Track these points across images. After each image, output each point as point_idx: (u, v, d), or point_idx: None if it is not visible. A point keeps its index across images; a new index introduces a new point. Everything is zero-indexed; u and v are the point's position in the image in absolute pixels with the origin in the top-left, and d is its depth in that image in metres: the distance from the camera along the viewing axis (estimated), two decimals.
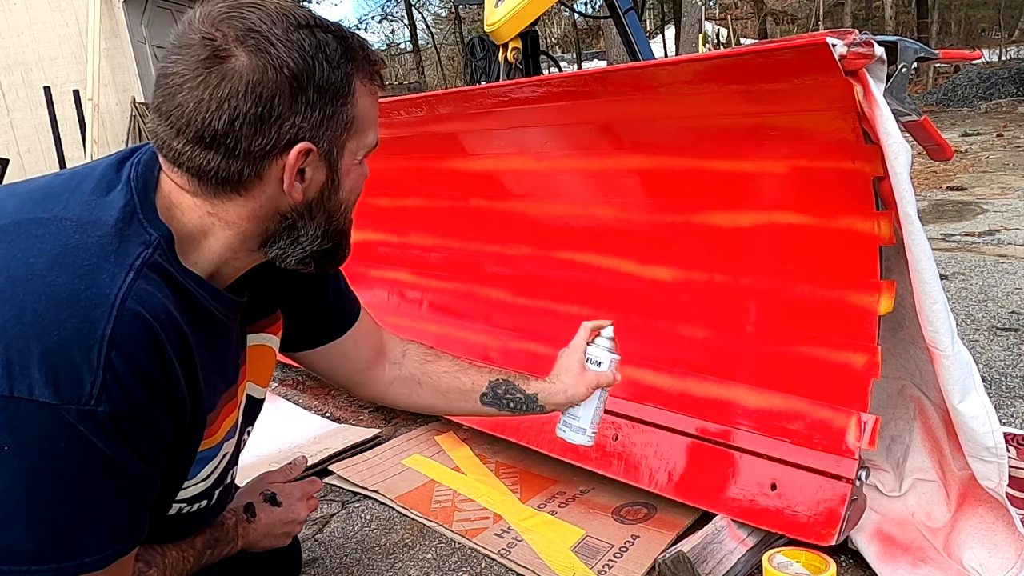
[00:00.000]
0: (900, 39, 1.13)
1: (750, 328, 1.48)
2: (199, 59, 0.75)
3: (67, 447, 0.70)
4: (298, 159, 0.80)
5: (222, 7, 0.78)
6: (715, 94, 1.31)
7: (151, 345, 0.74)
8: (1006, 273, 3.10)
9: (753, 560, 1.33)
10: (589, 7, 22.10)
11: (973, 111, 11.57)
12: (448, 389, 1.25)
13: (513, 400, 1.23)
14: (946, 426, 1.35)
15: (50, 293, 0.71)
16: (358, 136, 0.86)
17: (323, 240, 0.88)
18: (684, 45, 12.21)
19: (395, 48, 30.46)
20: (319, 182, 0.84)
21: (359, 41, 0.84)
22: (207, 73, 0.75)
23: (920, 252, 1.12)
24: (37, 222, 0.76)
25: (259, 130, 0.77)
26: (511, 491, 1.69)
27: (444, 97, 1.76)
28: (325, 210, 0.87)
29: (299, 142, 0.79)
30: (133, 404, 0.73)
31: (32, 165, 9.35)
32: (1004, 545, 1.22)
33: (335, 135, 0.82)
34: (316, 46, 0.78)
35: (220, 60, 0.75)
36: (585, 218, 1.76)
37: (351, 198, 0.90)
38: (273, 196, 0.82)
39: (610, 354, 1.26)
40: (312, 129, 0.79)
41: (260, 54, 0.75)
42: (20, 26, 9.11)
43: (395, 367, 1.25)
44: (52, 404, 0.68)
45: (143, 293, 0.74)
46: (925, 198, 5.00)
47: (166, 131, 0.78)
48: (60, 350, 0.69)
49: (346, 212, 0.91)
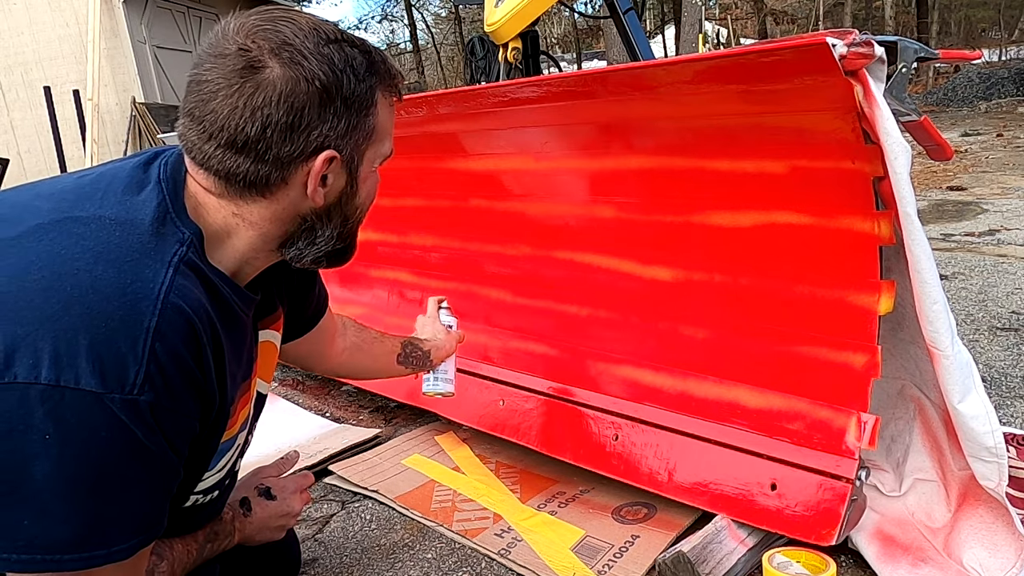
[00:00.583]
0: (900, 39, 1.13)
1: (750, 328, 1.48)
2: (235, 68, 0.79)
3: (107, 435, 0.72)
4: (323, 166, 0.84)
5: (256, 20, 0.82)
6: (715, 94, 1.31)
7: (190, 337, 0.78)
8: (1006, 273, 3.10)
9: (753, 560, 1.33)
10: (589, 7, 22.13)
11: (973, 111, 11.57)
12: (380, 352, 1.45)
13: (416, 357, 1.49)
14: (946, 426, 1.35)
15: (97, 287, 0.73)
16: (376, 145, 0.91)
17: (337, 241, 0.94)
18: (684, 45, 12.20)
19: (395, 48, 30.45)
20: (339, 188, 0.89)
21: (381, 55, 0.89)
22: (242, 82, 0.78)
23: (920, 252, 1.12)
24: (77, 220, 0.78)
25: (289, 137, 0.81)
26: (511, 491, 1.69)
27: (444, 97, 1.76)
28: (342, 213, 0.92)
29: (325, 150, 0.84)
30: (173, 394, 0.76)
31: (32, 165, 9.35)
32: (1004, 545, 1.22)
33: (357, 144, 0.87)
34: (345, 60, 0.83)
35: (255, 70, 0.79)
36: (585, 218, 1.76)
37: (366, 203, 0.96)
38: (296, 200, 0.87)
39: (452, 317, 1.63)
40: (338, 138, 0.84)
41: (293, 66, 0.80)
42: (20, 26, 9.11)
43: (342, 338, 1.40)
44: (97, 392, 0.70)
45: (182, 288, 0.78)
46: (925, 198, 5.00)
47: (197, 135, 0.82)
48: (107, 340, 0.72)
49: (361, 215, 0.96)
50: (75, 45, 8.98)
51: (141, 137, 8.74)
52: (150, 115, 8.74)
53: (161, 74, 9.57)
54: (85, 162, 7.87)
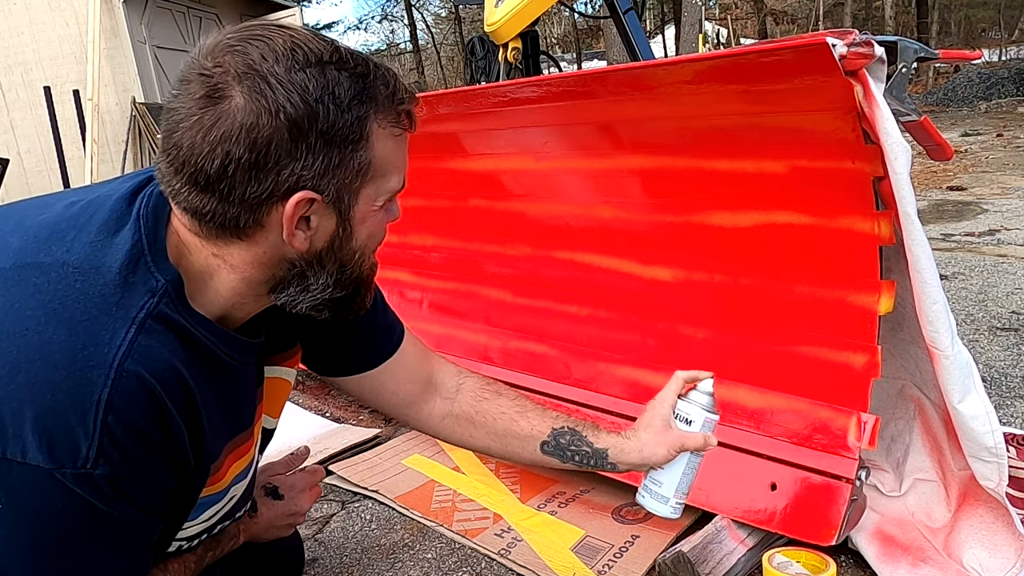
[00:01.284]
0: (900, 39, 1.13)
1: (750, 328, 1.48)
2: (195, 97, 0.70)
3: (63, 507, 0.68)
4: (297, 208, 0.74)
5: (228, 38, 0.73)
6: (715, 94, 1.31)
7: (150, 405, 0.71)
8: (1006, 273, 3.10)
9: (753, 560, 1.33)
10: (589, 7, 22.13)
11: (973, 111, 11.57)
12: (505, 432, 1.12)
13: (579, 453, 1.09)
14: (946, 426, 1.35)
15: (45, 353, 0.68)
16: (376, 181, 0.79)
17: (335, 289, 0.83)
18: (684, 45, 12.20)
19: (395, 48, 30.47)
20: (328, 230, 0.78)
21: (385, 78, 0.77)
22: (201, 113, 0.70)
23: (920, 252, 1.12)
24: (38, 268, 0.72)
25: (254, 177, 0.71)
26: (511, 491, 1.69)
27: (444, 97, 1.76)
28: (336, 259, 0.81)
29: (299, 190, 0.73)
30: (132, 464, 0.70)
31: (32, 165, 9.35)
32: (1004, 545, 1.22)
33: (344, 182, 0.76)
34: (323, 87, 0.72)
35: (216, 100, 0.70)
36: (585, 218, 1.76)
37: (368, 245, 0.84)
38: (277, 243, 0.77)
39: (705, 412, 1.06)
40: (315, 177, 0.73)
41: (256, 96, 0.69)
42: (20, 26, 9.11)
43: (447, 402, 1.15)
44: (46, 468, 0.66)
45: (144, 349, 0.71)
46: (925, 198, 5.00)
47: (167, 167, 0.74)
48: (54, 414, 0.66)
49: (361, 260, 0.84)
50: (75, 45, 8.98)
51: (141, 137, 8.74)
52: (150, 115, 8.74)
53: (161, 74, 9.56)
54: (85, 162, 7.87)
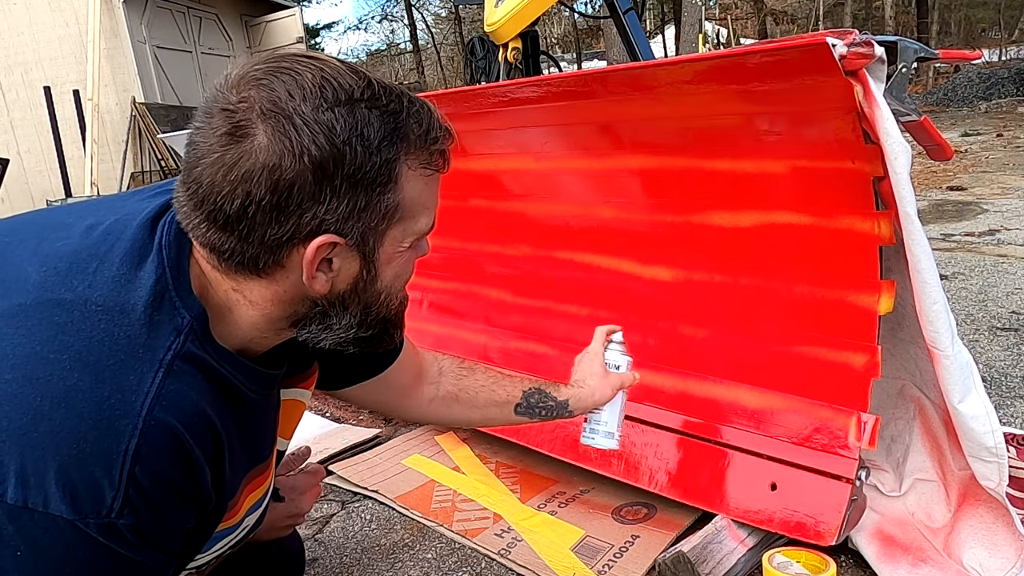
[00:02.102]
0: (900, 39, 1.13)
1: (750, 328, 1.48)
2: (218, 133, 0.68)
3: (84, 554, 0.66)
4: (319, 252, 0.72)
5: (256, 69, 0.70)
6: (715, 94, 1.31)
7: (178, 454, 0.69)
8: (1006, 273, 3.10)
9: (753, 560, 1.33)
10: (589, 7, 22.14)
11: (973, 111, 11.57)
12: (485, 403, 1.22)
13: (545, 407, 1.21)
14: (946, 426, 1.35)
15: (70, 401, 0.65)
16: (404, 223, 0.76)
17: (360, 329, 0.81)
18: (684, 45, 12.20)
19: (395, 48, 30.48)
20: (351, 273, 0.76)
21: (419, 116, 0.74)
22: (223, 151, 0.67)
23: (920, 252, 1.12)
24: (60, 305, 0.69)
25: (275, 219, 0.69)
26: (511, 491, 1.69)
27: (444, 97, 1.76)
28: (360, 300, 0.79)
29: (321, 234, 0.71)
30: (157, 512, 0.69)
31: (32, 165, 9.35)
32: (1004, 545, 1.22)
33: (370, 225, 0.73)
34: (351, 128, 0.69)
35: (238, 139, 0.67)
36: (585, 218, 1.76)
37: (395, 285, 0.81)
38: (297, 283, 0.74)
39: (625, 356, 1.27)
40: (339, 221, 0.71)
41: (280, 136, 0.67)
42: (20, 26, 9.11)
43: (433, 387, 1.21)
44: (69, 519, 0.64)
45: (172, 395, 0.69)
46: (925, 198, 5.00)
47: (186, 200, 0.72)
48: (79, 464, 0.64)
49: (388, 300, 0.82)
50: (75, 45, 8.98)
51: (141, 137, 8.74)
52: (150, 115, 8.74)
53: (161, 74, 9.57)
54: (85, 162, 7.87)
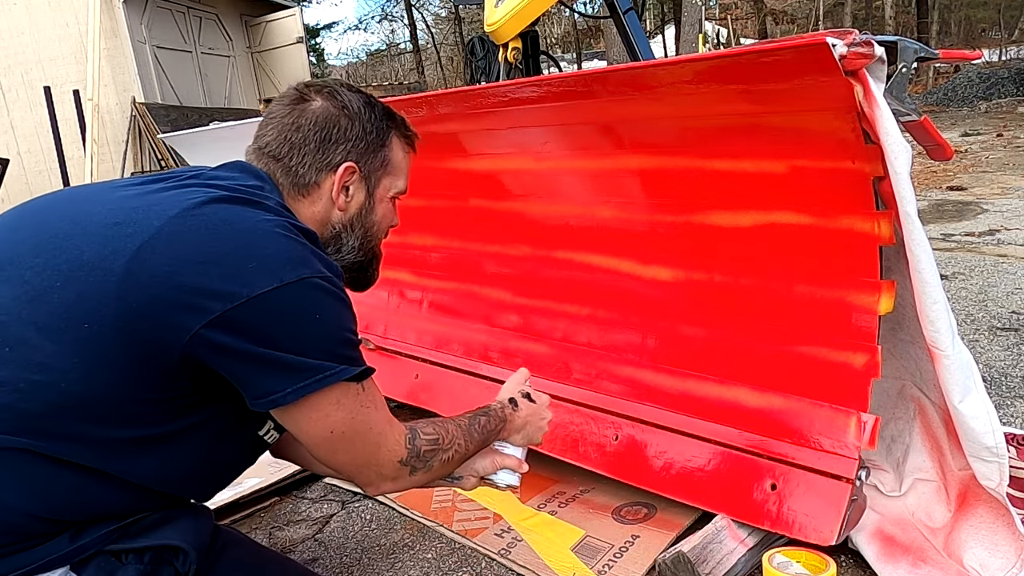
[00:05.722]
0: (900, 39, 1.13)
1: (750, 328, 1.48)
2: (286, 102, 1.12)
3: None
4: (345, 174, 1.10)
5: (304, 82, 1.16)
6: (715, 94, 1.31)
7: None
8: (1006, 273, 3.10)
9: (753, 560, 1.33)
10: (589, 7, 22.14)
11: (973, 111, 11.57)
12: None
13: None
14: (946, 426, 1.35)
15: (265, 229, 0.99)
16: (391, 176, 1.17)
17: (358, 252, 1.16)
18: (684, 45, 12.20)
19: (395, 48, 30.48)
20: (359, 200, 1.14)
21: (402, 118, 1.19)
22: (293, 106, 1.11)
23: (920, 252, 1.12)
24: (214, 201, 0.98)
25: (321, 148, 1.09)
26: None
27: (444, 97, 1.76)
28: (363, 226, 1.15)
29: (347, 162, 1.10)
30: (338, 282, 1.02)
31: (32, 165, 9.35)
32: (1004, 545, 1.22)
33: (373, 166, 1.14)
34: (370, 105, 1.14)
35: (304, 101, 1.11)
36: (585, 218, 1.76)
37: (382, 224, 1.18)
38: (327, 206, 1.11)
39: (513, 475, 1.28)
40: (358, 155, 1.11)
41: (331, 98, 1.11)
42: (20, 26, 9.11)
43: None
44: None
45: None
46: (925, 198, 5.00)
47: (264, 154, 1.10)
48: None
49: (378, 234, 1.18)
50: (75, 45, 8.98)
51: (141, 137, 8.74)
52: (150, 115, 8.74)
53: (161, 74, 9.57)
54: (85, 162, 7.87)
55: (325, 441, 0.96)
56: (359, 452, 0.99)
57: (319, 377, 0.91)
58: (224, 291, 0.87)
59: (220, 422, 1.00)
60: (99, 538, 0.91)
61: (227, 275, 0.88)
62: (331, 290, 0.95)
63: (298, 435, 0.96)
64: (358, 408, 0.96)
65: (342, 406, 0.95)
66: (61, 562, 0.89)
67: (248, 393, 0.92)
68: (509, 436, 1.28)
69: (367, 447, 0.99)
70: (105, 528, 0.92)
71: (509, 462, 1.25)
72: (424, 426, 1.10)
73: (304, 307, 0.92)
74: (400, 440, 1.03)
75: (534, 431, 1.31)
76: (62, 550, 0.89)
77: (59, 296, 0.88)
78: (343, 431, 0.95)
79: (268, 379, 0.90)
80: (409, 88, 16.46)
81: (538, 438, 1.32)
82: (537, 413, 1.32)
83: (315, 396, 0.92)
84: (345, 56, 34.20)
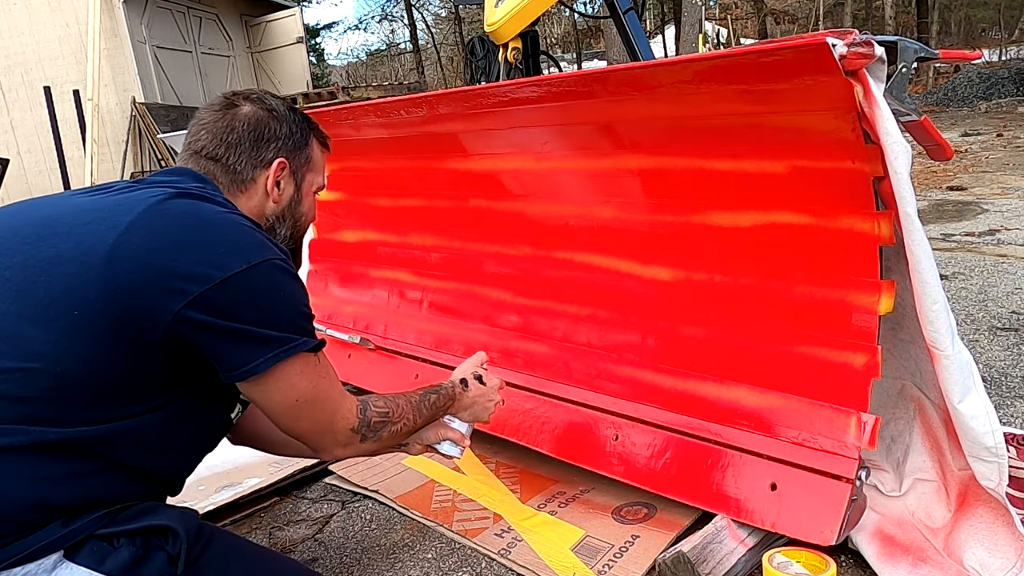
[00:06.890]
0: (900, 39, 1.14)
1: (750, 328, 1.48)
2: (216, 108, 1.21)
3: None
4: (277, 170, 1.21)
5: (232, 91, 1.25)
6: (715, 94, 1.31)
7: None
8: (1006, 273, 3.10)
9: (753, 560, 1.33)
10: (589, 7, 22.13)
11: (973, 111, 11.57)
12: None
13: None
14: (946, 426, 1.35)
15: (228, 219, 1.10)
16: (313, 172, 1.29)
17: (289, 241, 1.26)
18: (684, 45, 12.20)
19: (395, 48, 30.46)
20: (289, 194, 1.25)
21: (316, 123, 1.31)
22: (223, 112, 1.20)
23: (920, 252, 1.12)
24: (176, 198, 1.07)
25: (256, 146, 1.20)
26: (511, 491, 1.69)
27: (444, 97, 1.76)
28: (292, 216, 1.27)
29: (278, 159, 1.21)
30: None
31: (32, 165, 9.36)
32: (1004, 545, 1.22)
33: (299, 163, 1.26)
34: (292, 110, 1.27)
35: (233, 107, 1.20)
36: (585, 218, 1.76)
37: (308, 215, 1.30)
38: (263, 199, 1.22)
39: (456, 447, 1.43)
40: (287, 152, 1.23)
41: (259, 103, 1.22)
42: (20, 26, 9.12)
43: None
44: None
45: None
46: (925, 198, 5.00)
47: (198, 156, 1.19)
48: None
49: (305, 224, 1.30)
50: (75, 45, 8.99)
51: (141, 137, 8.74)
52: (150, 115, 8.74)
53: (161, 74, 9.57)
54: (85, 162, 7.87)
55: (291, 409, 1.06)
56: (318, 419, 1.10)
57: (288, 347, 1.02)
58: (200, 274, 0.97)
59: (192, 398, 1.08)
60: (90, 523, 0.95)
61: (201, 260, 0.99)
62: (289, 270, 1.07)
63: (266, 405, 1.06)
64: (318, 377, 1.08)
65: (304, 375, 1.06)
66: (55, 547, 0.92)
67: (224, 366, 1.01)
68: (457, 412, 1.41)
69: (325, 414, 1.10)
70: (95, 514, 0.96)
71: (452, 435, 1.39)
72: (376, 400, 1.22)
73: (270, 285, 1.03)
74: (352, 410, 1.15)
75: (480, 410, 1.44)
76: (55, 536, 0.92)
77: (44, 289, 0.96)
78: (307, 399, 1.06)
79: (242, 351, 1.00)
80: (409, 88, 16.45)
81: (484, 417, 1.45)
82: (485, 395, 1.44)
83: (283, 365, 1.03)
84: (345, 56, 34.15)
